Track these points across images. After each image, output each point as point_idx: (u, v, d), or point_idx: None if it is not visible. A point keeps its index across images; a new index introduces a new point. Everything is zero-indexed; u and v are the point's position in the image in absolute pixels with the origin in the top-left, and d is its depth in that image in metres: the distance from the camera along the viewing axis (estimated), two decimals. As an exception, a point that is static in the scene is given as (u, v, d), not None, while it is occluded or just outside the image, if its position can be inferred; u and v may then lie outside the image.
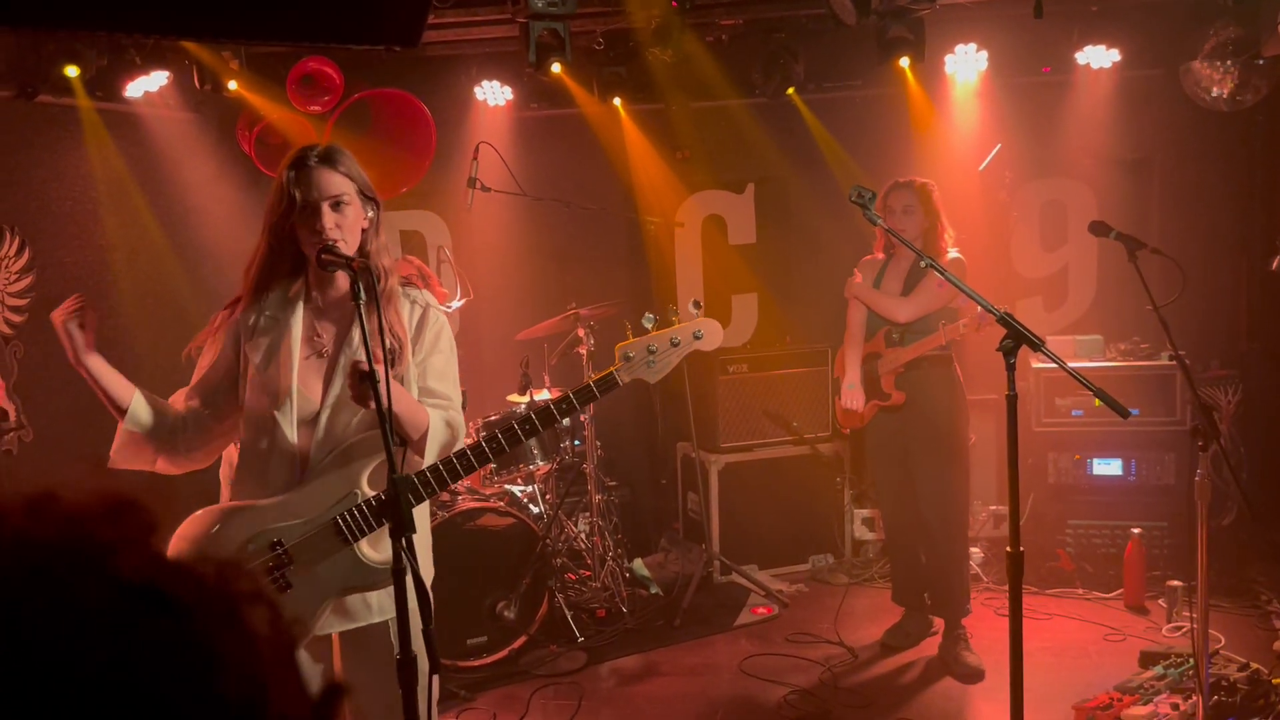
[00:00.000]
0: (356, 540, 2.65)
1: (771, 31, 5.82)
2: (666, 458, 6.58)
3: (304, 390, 2.70)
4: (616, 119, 6.27)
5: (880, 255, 4.89)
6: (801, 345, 6.25)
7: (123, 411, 2.71)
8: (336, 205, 2.63)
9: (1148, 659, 4.45)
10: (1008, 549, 2.89)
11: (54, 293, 4.85)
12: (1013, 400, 2.85)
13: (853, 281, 4.88)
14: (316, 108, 5.66)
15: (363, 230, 2.71)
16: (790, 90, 6.00)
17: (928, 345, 4.61)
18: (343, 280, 2.74)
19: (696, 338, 2.88)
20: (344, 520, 2.62)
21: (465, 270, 6.53)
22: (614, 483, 6.08)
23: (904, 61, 5.35)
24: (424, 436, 2.66)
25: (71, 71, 4.41)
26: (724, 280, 6.70)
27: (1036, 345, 2.85)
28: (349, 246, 2.65)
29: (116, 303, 5.19)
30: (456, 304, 6.45)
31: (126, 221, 5.26)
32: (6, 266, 4.66)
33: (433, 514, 4.75)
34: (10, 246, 4.67)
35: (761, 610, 5.53)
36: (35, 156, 4.85)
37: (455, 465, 2.68)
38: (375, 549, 2.66)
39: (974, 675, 4.59)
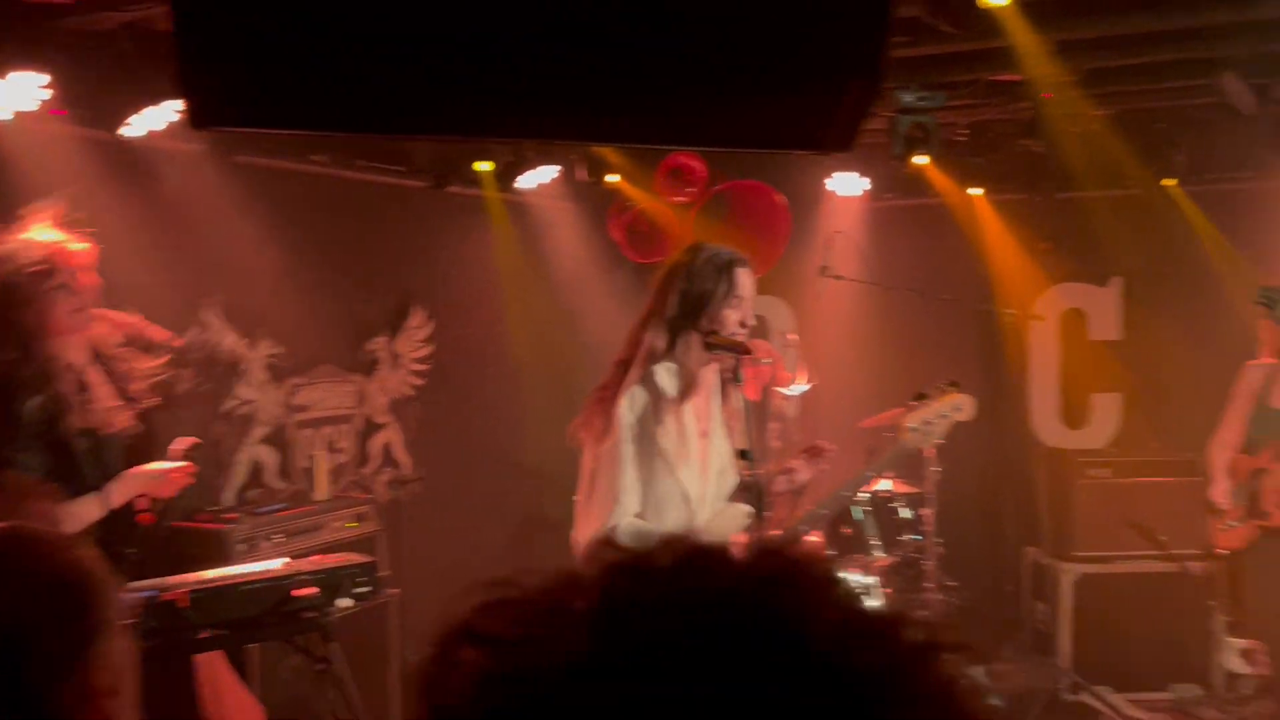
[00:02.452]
0: None
1: (1152, 121, 5.55)
2: (1012, 563, 6.27)
3: None
4: (974, 209, 6.18)
5: (1270, 360, 4.48)
6: (1171, 452, 5.80)
7: None
8: None
9: None
10: None
11: (450, 361, 5.43)
12: None
13: None
14: (682, 198, 6.00)
15: None
16: (1170, 181, 5.67)
17: None
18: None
19: (957, 409, 3.33)
20: None
21: (810, 356, 6.62)
22: (954, 583, 5.86)
23: (1305, 152, 4.92)
24: None
25: (484, 166, 4.96)
26: (1083, 377, 6.37)
27: None
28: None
29: (502, 370, 5.71)
30: (800, 389, 6.54)
31: (514, 297, 5.81)
32: (412, 337, 5.27)
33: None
34: (417, 318, 5.28)
35: (1116, 736, 5.11)
36: (441, 240, 5.48)
37: None
38: None
39: None
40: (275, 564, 3.09)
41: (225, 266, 4.39)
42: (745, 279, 2.84)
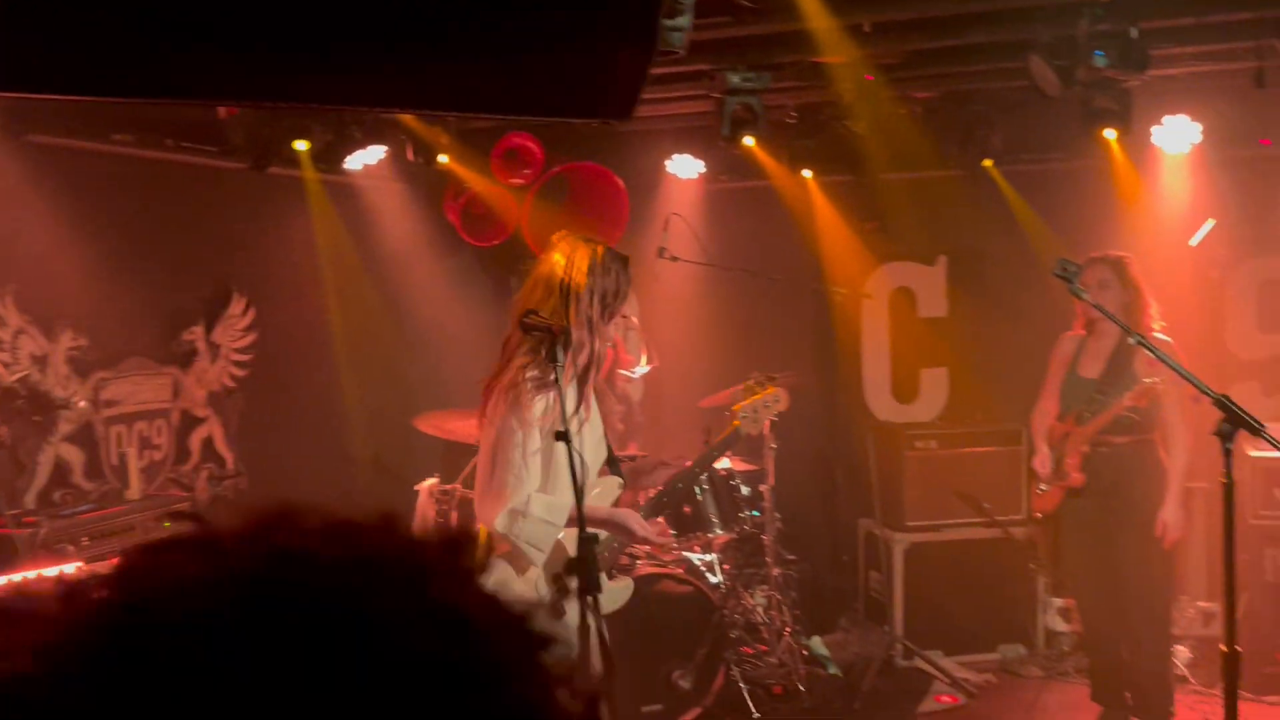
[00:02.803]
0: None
1: (968, 103, 5.74)
2: (848, 534, 6.44)
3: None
4: (806, 190, 6.30)
5: (1081, 332, 4.70)
6: (995, 423, 6.03)
7: None
8: None
9: (1385, 783, 4.02)
10: (1222, 647, 2.69)
11: (274, 350, 5.23)
12: (1229, 488, 2.68)
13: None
14: (518, 180, 5.93)
15: None
16: (987, 162, 5.88)
17: (1110, 416, 4.39)
18: None
19: (776, 401, 3.87)
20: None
21: (651, 338, 6.65)
22: (793, 557, 5.98)
23: (1109, 133, 5.17)
24: None
25: (301, 145, 4.78)
26: (913, 353, 6.57)
27: (1256, 430, 2.67)
28: None
29: (329, 359, 5.53)
30: (641, 371, 6.56)
31: (341, 284, 5.62)
32: (233, 326, 5.04)
33: (612, 577, 4.79)
34: (237, 306, 5.06)
35: (946, 699, 5.30)
36: (262, 224, 5.26)
37: None
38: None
39: None
40: (68, 568, 2.91)
41: (18, 253, 4.11)
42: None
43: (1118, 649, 4.62)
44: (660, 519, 4.15)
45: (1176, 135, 5.61)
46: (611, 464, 3.28)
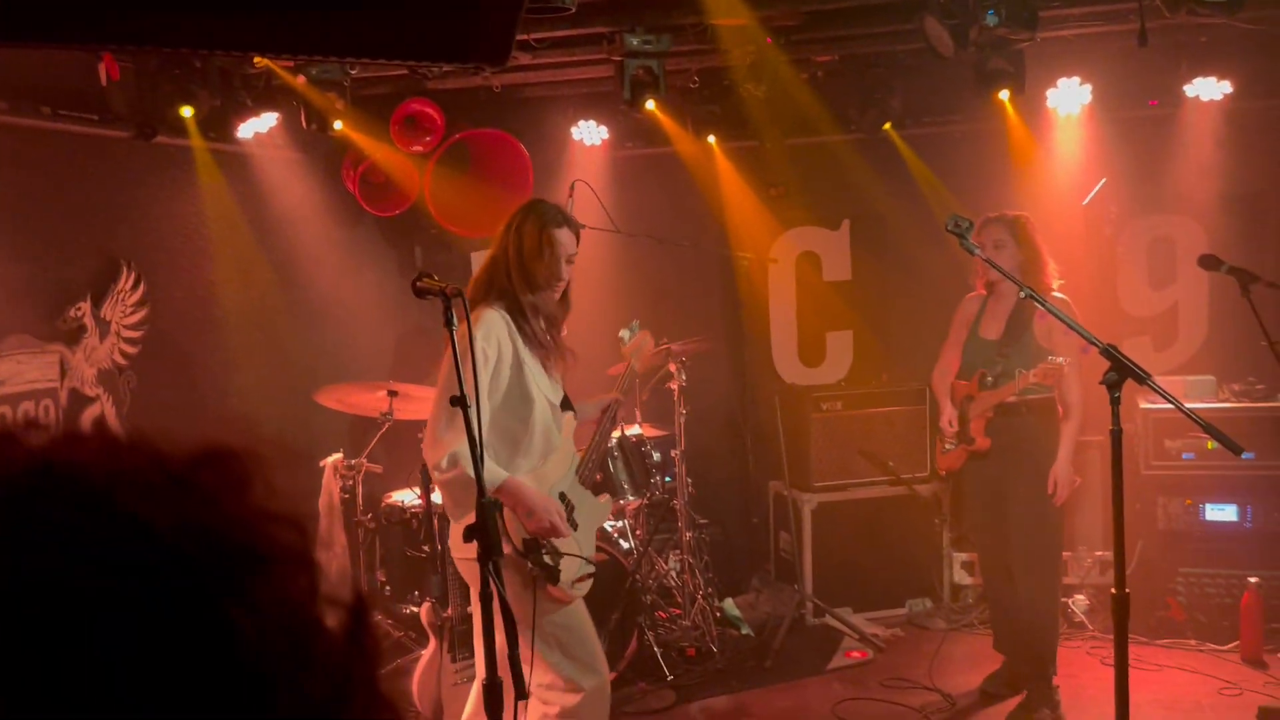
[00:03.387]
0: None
1: (867, 67, 5.79)
2: (758, 496, 6.50)
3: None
4: (711, 156, 6.30)
5: (982, 292, 4.77)
6: (899, 383, 6.14)
7: None
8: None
9: (1267, 715, 4.22)
10: (1113, 590, 2.77)
11: (167, 326, 5.06)
12: (1117, 435, 2.75)
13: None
14: (418, 148, 5.81)
15: None
16: (887, 126, 5.95)
17: (1014, 389, 4.46)
18: None
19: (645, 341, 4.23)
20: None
21: (560, 307, 6.60)
22: (705, 520, 6.02)
23: (1004, 95, 5.27)
24: None
25: (186, 112, 4.61)
26: (818, 317, 6.64)
27: (1142, 378, 2.75)
28: None
29: (225, 335, 5.37)
30: (551, 340, 6.52)
31: (235, 257, 5.45)
32: (123, 300, 4.86)
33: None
34: (127, 281, 4.87)
35: (855, 654, 5.41)
36: (151, 195, 5.06)
37: None
38: None
39: None
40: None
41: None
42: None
43: (1014, 601, 4.73)
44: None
45: (1069, 97, 5.73)
46: (565, 403, 3.63)
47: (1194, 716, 4.50)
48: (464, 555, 3.06)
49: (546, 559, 3.11)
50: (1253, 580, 5.11)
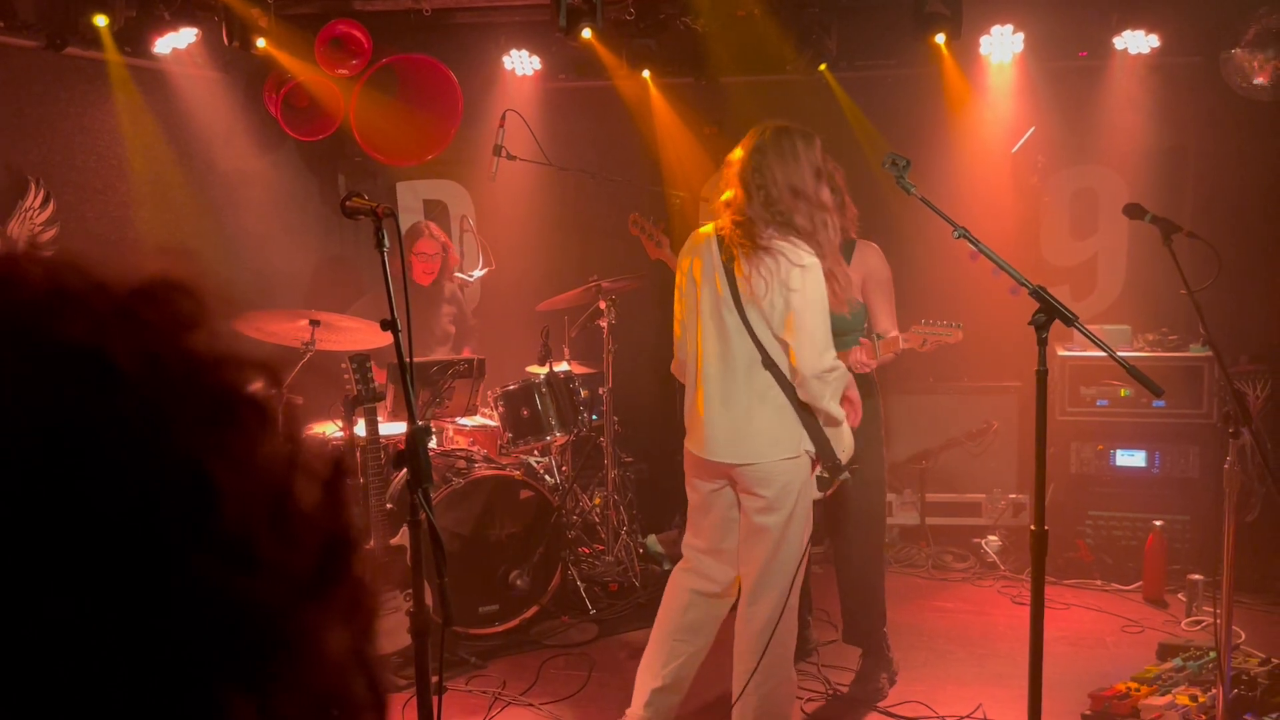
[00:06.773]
0: None
1: (804, 6, 5.74)
2: (684, 435, 6.51)
3: None
4: (645, 92, 6.22)
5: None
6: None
7: None
8: None
9: (1166, 651, 4.39)
10: (1031, 527, 2.84)
11: (78, 247, 4.86)
12: (1043, 375, 2.80)
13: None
14: (344, 71, 5.63)
15: None
16: (822, 67, 5.92)
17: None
18: None
19: None
20: None
21: (488, 241, 6.51)
22: (630, 458, 6.04)
23: (939, 39, 5.27)
24: None
25: (100, 21, 4.40)
26: (748, 259, 6.64)
27: (1070, 319, 2.79)
28: None
29: (139, 258, 5.18)
30: (478, 274, 6.43)
31: (152, 178, 5.25)
32: (31, 219, 4.66)
33: (448, 481, 4.73)
34: (35, 198, 4.66)
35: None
36: (61, 109, 4.84)
37: None
38: None
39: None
40: None
41: None
42: None
43: (844, 553, 4.62)
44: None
45: (1002, 44, 5.76)
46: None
47: (1098, 652, 4.67)
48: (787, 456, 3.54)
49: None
50: (1157, 523, 5.30)
